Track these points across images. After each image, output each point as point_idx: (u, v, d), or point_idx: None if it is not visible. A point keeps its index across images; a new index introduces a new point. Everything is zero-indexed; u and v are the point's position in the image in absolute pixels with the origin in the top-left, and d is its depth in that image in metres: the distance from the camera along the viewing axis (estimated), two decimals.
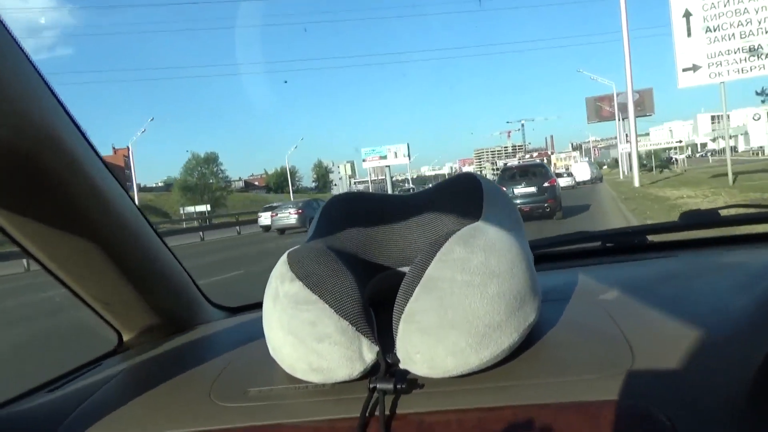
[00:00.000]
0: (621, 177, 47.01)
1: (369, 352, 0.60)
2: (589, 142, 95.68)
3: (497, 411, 0.56)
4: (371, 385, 0.58)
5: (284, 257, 0.69)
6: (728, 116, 17.21)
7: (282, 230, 21.63)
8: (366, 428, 0.56)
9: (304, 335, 0.61)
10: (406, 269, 0.71)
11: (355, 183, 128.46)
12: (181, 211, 44.65)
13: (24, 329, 5.81)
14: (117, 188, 0.82)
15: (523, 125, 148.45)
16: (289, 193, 56.40)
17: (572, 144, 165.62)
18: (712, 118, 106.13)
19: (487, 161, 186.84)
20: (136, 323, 0.95)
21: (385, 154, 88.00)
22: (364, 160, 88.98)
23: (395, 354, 0.60)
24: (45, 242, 0.77)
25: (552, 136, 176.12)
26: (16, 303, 8.14)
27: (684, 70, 16.29)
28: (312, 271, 0.64)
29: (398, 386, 0.57)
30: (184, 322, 1.01)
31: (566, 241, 1.23)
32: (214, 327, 1.02)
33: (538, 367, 0.61)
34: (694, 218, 1.19)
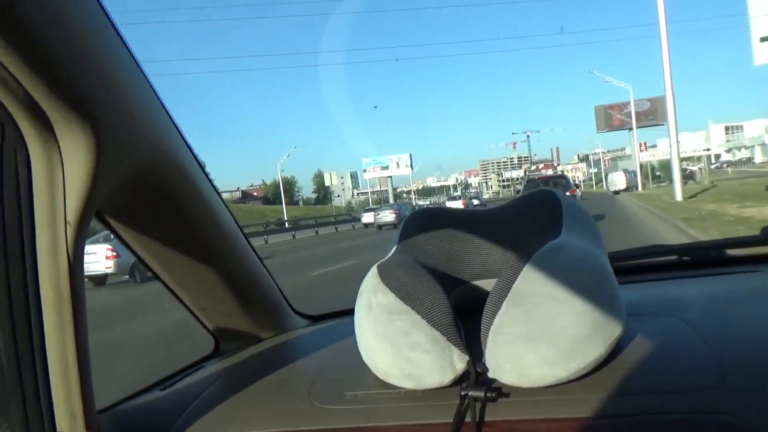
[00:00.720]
0: (640, 188, 42.59)
1: (459, 361, 0.62)
2: (598, 153, 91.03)
3: (585, 421, 0.57)
4: (463, 393, 0.60)
5: (374, 270, 0.72)
6: None
7: (380, 226, 28.17)
8: None
9: (397, 344, 0.65)
10: (484, 282, 0.76)
11: (357, 194, 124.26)
12: None
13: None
14: (221, 205, 0.89)
15: (528, 137, 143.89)
16: (282, 204, 51.92)
17: (578, 155, 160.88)
18: (726, 128, 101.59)
19: (493, 172, 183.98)
20: (231, 329, 1.02)
21: (387, 164, 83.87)
22: (365, 171, 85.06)
23: (484, 363, 0.62)
24: (159, 253, 0.84)
25: (558, 148, 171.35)
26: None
27: (762, 39, 11.59)
28: (403, 283, 0.67)
29: (488, 394, 0.59)
30: (273, 328, 1.07)
31: (641, 254, 1.21)
32: (299, 333, 1.09)
33: (625, 380, 0.61)
34: None
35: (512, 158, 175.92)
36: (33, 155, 0.58)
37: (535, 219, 0.75)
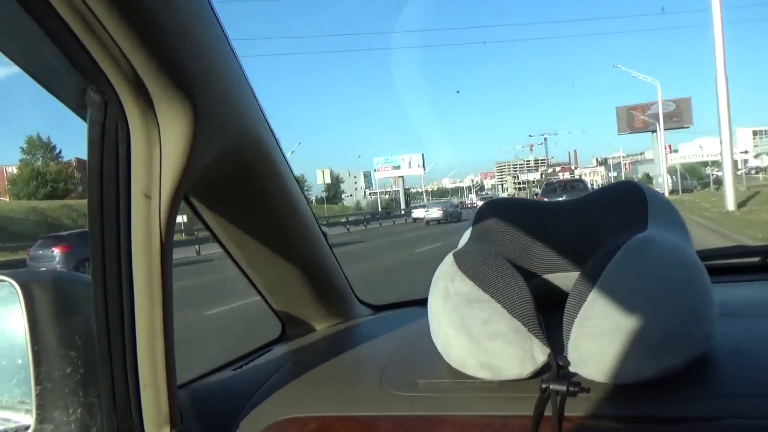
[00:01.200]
0: (667, 193, 39.07)
1: (540, 353, 0.60)
2: (619, 156, 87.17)
3: (672, 423, 0.54)
4: (544, 385, 0.56)
5: (450, 258, 0.69)
6: None
7: (428, 222, 30.52)
8: (538, 427, 0.56)
9: (476, 333, 0.62)
10: (558, 276, 0.73)
11: (370, 194, 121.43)
12: None
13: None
14: (299, 193, 0.89)
15: (546, 139, 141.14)
16: None
17: (597, 159, 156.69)
18: (754, 132, 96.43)
19: (509, 175, 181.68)
20: (299, 314, 1.03)
21: (399, 164, 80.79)
22: (375, 170, 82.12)
23: (565, 356, 0.59)
24: (236, 236, 0.84)
25: (575, 151, 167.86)
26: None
27: None
28: (482, 271, 0.65)
29: (570, 388, 0.55)
30: (339, 316, 1.07)
31: (724, 255, 1.17)
32: (365, 322, 1.10)
33: (719, 382, 0.59)
34: None
35: (528, 161, 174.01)
36: (133, 132, 0.58)
37: (617, 212, 0.70)
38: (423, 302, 0.72)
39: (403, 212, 47.33)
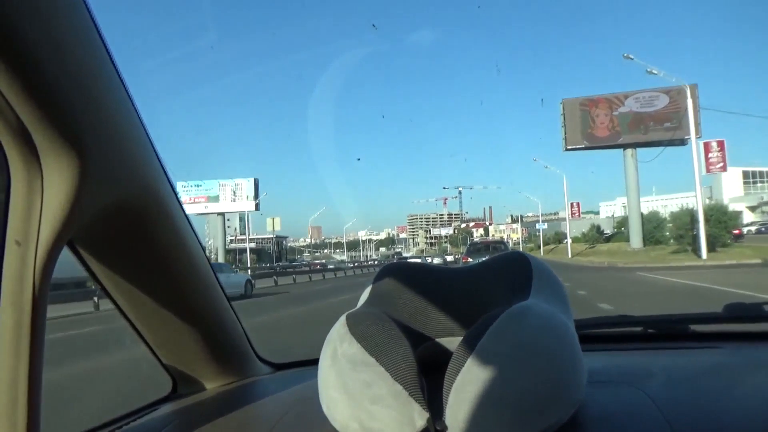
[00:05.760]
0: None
1: (419, 418, 0.57)
2: (532, 216, 56.78)
3: None
4: None
5: (343, 319, 0.66)
6: None
7: None
8: None
9: (358, 396, 0.59)
10: (450, 340, 0.71)
11: (230, 241, 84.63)
12: None
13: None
14: (196, 244, 0.83)
15: (460, 192, 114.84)
16: None
17: (512, 216, 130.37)
18: (745, 174, 62.43)
19: (421, 228, 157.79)
20: (191, 371, 0.94)
21: (217, 193, 45.94)
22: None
23: (443, 421, 0.56)
24: (125, 287, 0.77)
25: (491, 207, 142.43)
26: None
27: None
28: (370, 334, 0.62)
29: None
30: (235, 373, 0.99)
31: (609, 324, 1.20)
32: (261, 381, 1.02)
33: None
34: (739, 311, 1.14)
35: (442, 215, 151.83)
36: (14, 179, 0.54)
37: (506, 280, 0.71)
38: None
39: None
